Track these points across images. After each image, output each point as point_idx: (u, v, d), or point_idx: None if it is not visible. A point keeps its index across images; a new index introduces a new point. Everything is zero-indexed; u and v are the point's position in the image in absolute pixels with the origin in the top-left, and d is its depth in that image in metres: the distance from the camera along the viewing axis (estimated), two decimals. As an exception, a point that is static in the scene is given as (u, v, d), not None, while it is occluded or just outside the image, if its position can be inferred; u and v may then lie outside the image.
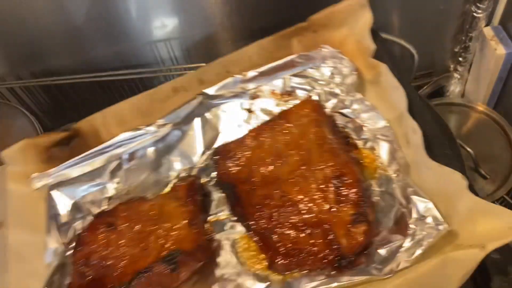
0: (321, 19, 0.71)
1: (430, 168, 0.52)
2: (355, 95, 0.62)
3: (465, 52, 1.05)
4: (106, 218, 0.62)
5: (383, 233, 0.53)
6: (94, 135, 0.73)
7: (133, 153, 0.69)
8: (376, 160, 0.58)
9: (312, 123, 0.61)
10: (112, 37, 1.01)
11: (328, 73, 0.66)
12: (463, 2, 0.97)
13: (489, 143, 0.98)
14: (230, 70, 0.72)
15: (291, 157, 0.60)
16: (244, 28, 0.99)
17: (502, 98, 1.06)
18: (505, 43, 0.95)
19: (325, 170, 0.56)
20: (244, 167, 0.62)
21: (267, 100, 0.69)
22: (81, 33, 1.00)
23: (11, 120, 0.90)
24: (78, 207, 0.67)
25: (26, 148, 0.71)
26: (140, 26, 1.00)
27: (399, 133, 0.58)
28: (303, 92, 0.67)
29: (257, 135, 0.64)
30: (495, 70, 0.98)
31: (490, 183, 0.92)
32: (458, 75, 1.10)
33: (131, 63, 1.05)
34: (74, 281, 0.60)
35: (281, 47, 0.72)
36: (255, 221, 0.57)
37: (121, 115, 0.72)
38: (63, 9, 0.95)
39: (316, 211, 0.55)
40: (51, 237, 0.64)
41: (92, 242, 0.61)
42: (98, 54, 1.04)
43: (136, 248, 0.59)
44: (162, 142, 0.69)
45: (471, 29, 0.99)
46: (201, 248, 0.56)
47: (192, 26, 1.00)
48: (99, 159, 0.69)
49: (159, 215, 0.61)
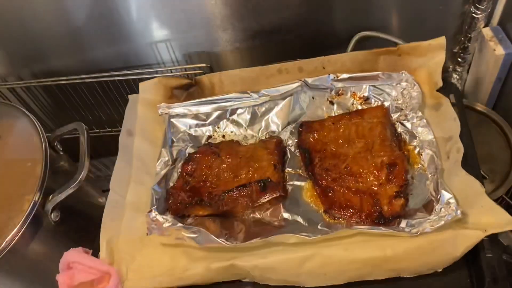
0: (407, 48, 0.86)
1: (459, 175, 0.71)
2: (417, 113, 0.81)
3: (464, 52, 1.04)
4: (212, 148, 0.83)
5: (413, 212, 0.73)
6: (210, 87, 0.92)
7: (236, 109, 0.89)
8: (419, 162, 0.77)
9: (380, 124, 0.80)
10: (112, 38, 1.04)
11: (400, 92, 0.84)
12: (462, 3, 0.96)
13: (488, 143, 0.98)
14: (325, 67, 0.88)
15: (358, 143, 0.80)
16: (244, 29, 1.02)
17: (501, 98, 1.05)
18: (504, 44, 0.94)
19: (382, 157, 0.76)
20: (320, 141, 0.82)
21: (347, 99, 0.87)
22: (81, 34, 1.03)
23: (12, 120, 0.89)
24: (186, 136, 0.88)
25: (158, 84, 0.91)
26: (140, 26, 1.02)
27: (443, 150, 0.77)
28: (376, 100, 0.86)
29: (335, 121, 0.83)
30: (494, 70, 0.97)
31: (489, 183, 0.93)
32: (457, 75, 1.10)
33: (131, 64, 1.09)
34: (178, 184, 0.80)
35: (369, 60, 0.87)
36: (322, 179, 0.77)
37: (234, 79, 0.91)
38: (64, 10, 0.98)
39: (369, 184, 0.75)
40: (165, 151, 0.84)
41: (199, 161, 0.81)
42: (98, 55, 1.08)
43: (231, 175, 0.79)
44: (259, 107, 0.89)
45: (470, 30, 0.98)
46: (281, 184, 0.77)
47: (192, 26, 1.01)
48: (210, 106, 0.89)
49: (252, 157, 0.81)
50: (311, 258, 0.67)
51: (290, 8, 0.98)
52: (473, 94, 1.10)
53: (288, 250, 0.69)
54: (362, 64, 0.88)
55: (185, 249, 0.74)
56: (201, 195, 0.78)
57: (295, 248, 0.69)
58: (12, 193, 0.78)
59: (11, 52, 1.07)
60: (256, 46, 1.04)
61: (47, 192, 0.79)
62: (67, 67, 1.08)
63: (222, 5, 0.96)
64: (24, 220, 0.75)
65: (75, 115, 1.18)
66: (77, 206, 0.87)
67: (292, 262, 0.68)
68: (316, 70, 0.89)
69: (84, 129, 0.84)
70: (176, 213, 0.77)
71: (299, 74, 0.90)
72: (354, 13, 1.00)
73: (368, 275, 0.67)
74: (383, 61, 0.88)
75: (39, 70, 1.09)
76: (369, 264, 0.66)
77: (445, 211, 0.68)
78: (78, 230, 0.85)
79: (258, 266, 0.68)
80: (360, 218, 0.73)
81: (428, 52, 0.85)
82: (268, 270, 0.68)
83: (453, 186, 0.71)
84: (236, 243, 0.71)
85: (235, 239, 0.72)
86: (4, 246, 0.73)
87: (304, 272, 0.68)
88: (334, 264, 0.67)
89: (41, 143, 0.82)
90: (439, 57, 0.84)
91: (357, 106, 0.87)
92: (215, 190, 0.78)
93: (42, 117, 1.19)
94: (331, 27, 1.03)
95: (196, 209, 0.77)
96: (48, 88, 1.11)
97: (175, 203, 0.77)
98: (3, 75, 1.11)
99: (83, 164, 0.80)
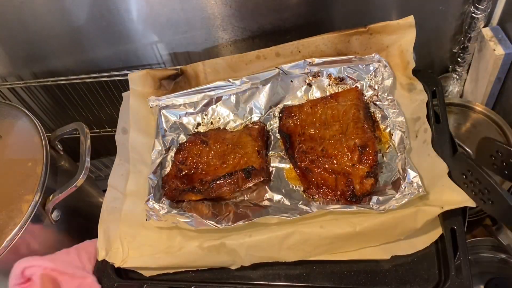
0: (377, 28, 0.89)
1: (429, 155, 0.78)
2: (388, 95, 0.86)
3: (463, 52, 1.05)
4: (201, 137, 0.90)
5: (383, 188, 0.80)
6: (195, 77, 0.97)
7: (220, 97, 0.95)
8: (390, 141, 0.84)
9: (353, 106, 0.86)
10: (112, 38, 1.04)
11: (372, 71, 0.90)
12: (462, 3, 0.97)
13: None
14: (300, 51, 0.93)
15: (334, 126, 0.86)
16: (244, 29, 1.03)
17: (501, 98, 1.06)
18: (504, 44, 0.95)
19: (355, 140, 0.82)
20: (299, 125, 0.89)
21: (324, 80, 0.93)
22: (82, 34, 1.03)
23: (12, 120, 0.88)
24: (176, 125, 0.95)
25: (145, 75, 0.96)
26: (140, 26, 1.02)
27: (412, 129, 0.83)
28: (351, 81, 0.92)
29: (312, 106, 0.90)
30: (494, 70, 0.98)
31: None
32: (456, 75, 1.11)
33: (131, 64, 1.09)
34: (171, 172, 0.88)
35: (342, 41, 0.91)
36: (301, 161, 0.84)
37: (216, 67, 0.96)
38: (64, 10, 0.98)
39: (343, 164, 0.82)
40: (157, 141, 0.91)
41: (190, 150, 0.89)
42: (98, 55, 1.08)
43: (219, 161, 0.87)
44: (242, 94, 0.95)
45: (470, 30, 0.99)
46: (264, 170, 0.84)
47: (192, 26, 1.02)
48: (196, 96, 0.95)
49: (237, 143, 0.88)
50: (291, 235, 0.76)
51: (290, 8, 0.99)
52: (473, 94, 1.10)
53: (271, 229, 0.78)
54: (336, 45, 0.92)
55: (180, 230, 0.82)
56: (193, 182, 0.86)
57: (277, 227, 0.78)
58: (13, 193, 0.78)
59: (11, 52, 1.07)
60: (256, 46, 1.05)
61: (48, 192, 0.79)
62: (67, 67, 1.09)
63: (222, 5, 0.97)
64: (25, 220, 0.75)
65: (75, 115, 1.20)
66: (77, 206, 0.88)
67: (274, 239, 0.76)
68: (291, 54, 0.94)
69: (84, 129, 0.86)
70: (172, 198, 0.86)
71: (276, 58, 0.94)
72: (354, 13, 1.01)
73: (340, 248, 0.76)
74: (355, 41, 0.91)
75: (39, 70, 1.10)
76: (341, 239, 0.75)
77: (408, 189, 0.75)
78: (78, 230, 0.87)
79: (244, 244, 0.77)
80: (335, 197, 0.81)
81: (398, 30, 0.89)
82: (253, 248, 0.77)
83: (421, 166, 0.78)
84: (225, 225, 0.79)
85: (225, 221, 0.81)
86: (4, 246, 0.73)
87: (285, 248, 0.77)
88: (311, 240, 0.76)
89: (41, 143, 0.83)
90: (409, 35, 0.88)
91: (333, 86, 0.93)
92: (205, 177, 0.86)
93: (42, 117, 1.20)
94: (331, 27, 1.03)
95: (189, 195, 0.85)
96: (48, 88, 1.12)
97: (170, 190, 0.86)
98: (3, 75, 1.12)
99: (83, 164, 0.81)
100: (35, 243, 0.79)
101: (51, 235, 0.83)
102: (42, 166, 0.80)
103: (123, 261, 0.80)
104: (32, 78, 1.11)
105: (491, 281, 0.98)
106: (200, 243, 0.79)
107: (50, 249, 0.80)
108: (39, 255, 0.76)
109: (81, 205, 0.89)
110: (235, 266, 0.79)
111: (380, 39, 0.91)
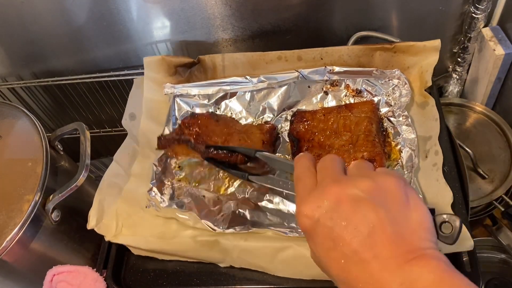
0: (402, 46, 0.88)
1: (438, 181, 0.76)
2: (403, 112, 0.84)
3: (464, 52, 1.04)
4: (214, 115, 0.89)
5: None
6: (212, 68, 0.95)
7: (235, 92, 0.94)
8: (399, 158, 0.82)
9: (367, 119, 0.83)
10: (112, 38, 1.04)
11: (391, 88, 0.88)
12: (462, 3, 0.97)
13: (488, 143, 0.99)
14: (323, 58, 0.92)
15: (344, 136, 0.84)
16: (244, 29, 1.03)
17: (501, 98, 1.06)
18: (504, 44, 0.95)
19: (363, 153, 0.79)
20: (310, 131, 0.86)
21: (341, 90, 0.91)
22: (82, 34, 1.03)
23: (12, 120, 0.87)
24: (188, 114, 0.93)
25: (161, 61, 0.94)
26: (140, 26, 1.02)
27: (422, 148, 0.81)
28: (368, 94, 0.90)
29: (326, 113, 0.87)
30: (494, 70, 0.98)
31: (489, 183, 0.94)
32: (456, 75, 1.11)
33: (131, 64, 1.09)
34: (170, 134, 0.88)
35: (366, 55, 0.90)
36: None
37: (236, 62, 0.94)
38: (64, 10, 0.97)
39: (348, 176, 0.80)
40: (167, 128, 0.91)
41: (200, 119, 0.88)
42: (98, 55, 1.07)
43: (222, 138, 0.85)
44: (257, 92, 0.93)
45: (470, 30, 0.99)
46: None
47: (192, 26, 1.01)
48: (212, 88, 0.94)
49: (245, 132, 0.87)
50: (285, 249, 0.74)
51: (290, 8, 0.98)
52: (473, 94, 1.09)
53: (267, 238, 0.76)
54: (359, 57, 0.91)
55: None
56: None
57: (274, 237, 0.76)
58: (12, 193, 0.77)
59: (11, 52, 1.07)
60: (256, 46, 1.06)
61: (48, 192, 0.79)
62: (67, 67, 1.08)
63: (222, 5, 0.96)
64: (25, 220, 0.75)
65: (75, 115, 1.19)
66: (78, 206, 0.87)
67: (268, 249, 0.74)
68: (314, 60, 0.93)
69: (84, 129, 0.84)
70: (163, 147, 0.86)
71: (298, 62, 0.93)
72: (354, 13, 1.01)
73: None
74: (378, 56, 0.90)
75: (39, 70, 1.10)
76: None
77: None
78: (78, 230, 0.86)
79: (238, 246, 0.75)
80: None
81: (422, 52, 0.87)
82: (246, 253, 0.75)
83: (427, 190, 0.76)
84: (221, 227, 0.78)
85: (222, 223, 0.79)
86: (4, 246, 0.73)
87: (278, 260, 0.74)
88: (305, 259, 0.72)
89: (41, 143, 0.82)
90: (432, 58, 0.86)
91: (349, 98, 0.91)
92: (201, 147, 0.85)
93: (42, 117, 1.20)
94: (331, 27, 1.04)
95: (182, 148, 0.85)
96: (48, 88, 1.12)
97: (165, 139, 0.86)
98: (3, 75, 1.12)
99: (84, 164, 0.80)
100: (35, 243, 0.79)
101: (51, 235, 0.82)
102: (42, 166, 0.79)
103: (115, 237, 0.79)
104: (32, 78, 1.11)
105: (491, 281, 0.97)
106: (194, 235, 0.77)
107: (50, 249, 0.79)
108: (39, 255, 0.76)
109: (81, 205, 0.87)
110: (224, 265, 0.78)
111: (403, 58, 0.90)
